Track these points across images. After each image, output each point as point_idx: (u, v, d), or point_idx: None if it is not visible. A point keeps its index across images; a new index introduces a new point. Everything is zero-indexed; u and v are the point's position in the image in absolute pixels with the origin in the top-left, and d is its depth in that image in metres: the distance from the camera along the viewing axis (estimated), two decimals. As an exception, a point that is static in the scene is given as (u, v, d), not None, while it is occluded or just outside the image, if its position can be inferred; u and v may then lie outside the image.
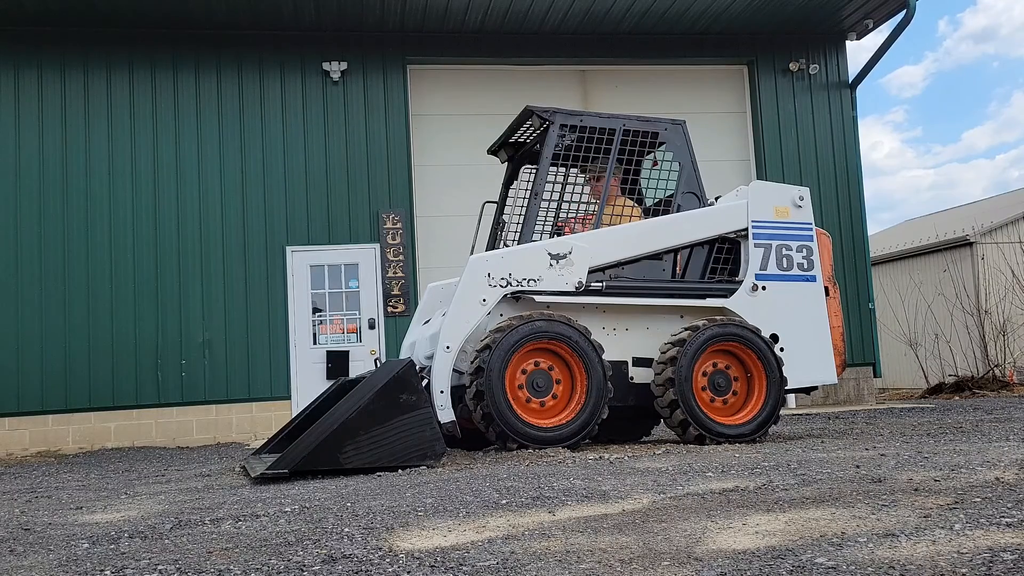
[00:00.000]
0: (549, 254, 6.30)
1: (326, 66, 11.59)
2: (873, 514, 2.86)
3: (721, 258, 6.76)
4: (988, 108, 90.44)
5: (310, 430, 5.34)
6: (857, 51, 78.72)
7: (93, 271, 10.84)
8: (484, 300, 6.15)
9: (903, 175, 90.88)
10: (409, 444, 5.29)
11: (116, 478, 6.45)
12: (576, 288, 6.29)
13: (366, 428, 5.17)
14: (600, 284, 6.33)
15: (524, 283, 6.21)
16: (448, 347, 6.04)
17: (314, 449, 5.07)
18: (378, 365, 6.41)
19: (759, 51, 12.79)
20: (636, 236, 6.57)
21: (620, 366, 6.37)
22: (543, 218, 7.06)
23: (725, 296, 6.61)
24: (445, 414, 5.92)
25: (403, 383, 5.37)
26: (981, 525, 2.57)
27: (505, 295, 6.19)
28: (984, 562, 2.14)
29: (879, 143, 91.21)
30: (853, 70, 13.01)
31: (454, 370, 6.10)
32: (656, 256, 6.63)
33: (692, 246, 6.72)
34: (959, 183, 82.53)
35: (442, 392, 5.97)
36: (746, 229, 6.70)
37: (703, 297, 6.57)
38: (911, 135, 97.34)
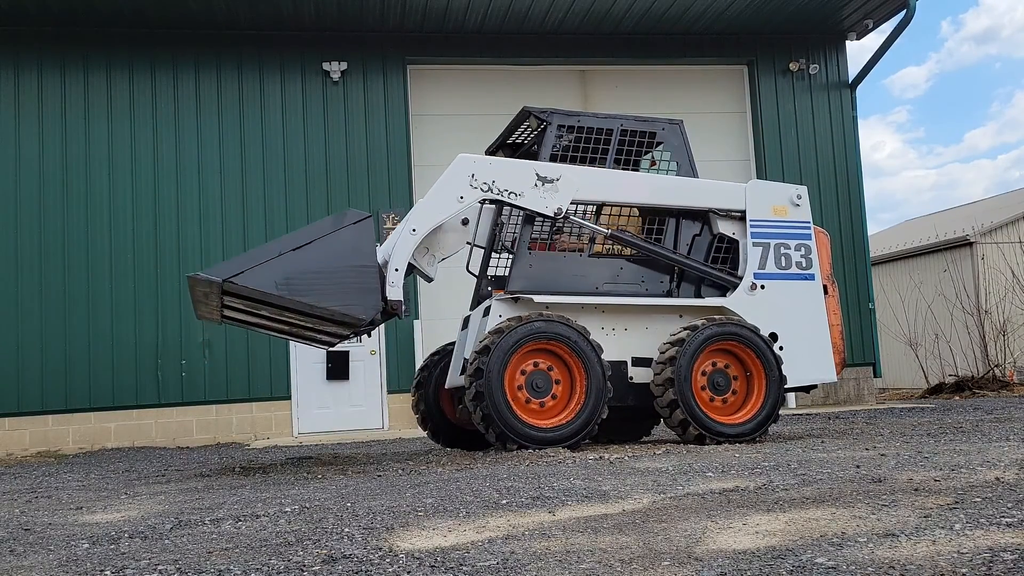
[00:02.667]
0: (537, 174, 6.36)
1: (326, 66, 11.59)
2: (873, 514, 2.86)
3: (720, 257, 6.76)
4: (990, 109, 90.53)
5: (254, 252, 5.42)
6: (858, 51, 78.72)
7: (93, 271, 10.84)
8: (462, 198, 6.22)
9: (905, 175, 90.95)
10: (345, 294, 5.32)
11: (116, 478, 6.45)
12: (555, 214, 6.34)
13: (308, 266, 5.24)
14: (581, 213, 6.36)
15: (505, 194, 6.27)
16: (414, 230, 6.12)
17: (252, 268, 5.13)
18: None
19: (759, 51, 12.79)
20: (627, 183, 6.61)
21: (619, 366, 6.37)
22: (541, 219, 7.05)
23: (725, 291, 6.61)
24: (394, 292, 5.92)
25: (357, 235, 5.42)
26: (981, 525, 2.57)
27: (483, 201, 6.27)
28: (984, 562, 2.14)
29: (881, 143, 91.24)
30: (853, 70, 13.03)
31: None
32: (651, 218, 6.64)
33: (682, 213, 6.71)
34: (960, 183, 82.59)
35: (397, 271, 5.98)
36: (743, 212, 6.71)
37: (707, 281, 6.59)
38: (913, 135, 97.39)
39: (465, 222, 6.71)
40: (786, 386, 6.41)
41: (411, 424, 10.99)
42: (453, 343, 7.11)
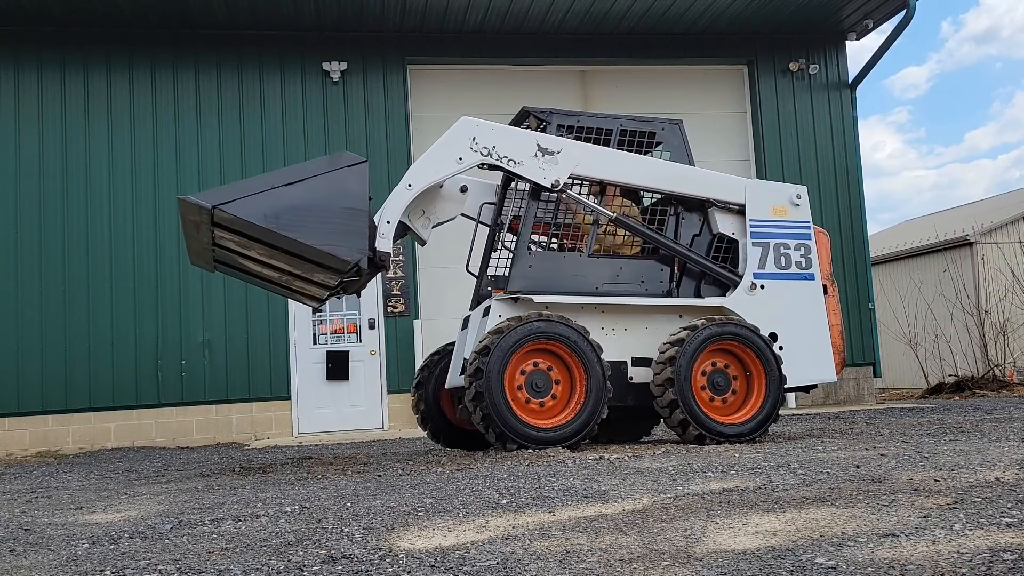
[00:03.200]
0: (539, 145, 6.40)
1: (326, 66, 11.59)
2: (873, 514, 2.86)
3: (719, 257, 6.77)
4: (990, 109, 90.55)
5: (246, 183, 5.44)
6: (858, 51, 78.73)
7: (93, 271, 10.84)
8: (460, 159, 6.27)
9: (905, 175, 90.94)
10: (332, 234, 5.33)
11: (116, 478, 6.45)
12: (552, 185, 6.37)
13: (298, 203, 5.26)
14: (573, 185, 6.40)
15: (504, 160, 6.32)
16: (410, 185, 6.18)
17: (243, 198, 5.15)
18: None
19: (759, 51, 12.79)
20: (628, 164, 6.63)
21: (619, 366, 6.37)
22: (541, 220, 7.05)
23: (725, 291, 6.62)
24: (383, 244, 5.99)
25: (350, 178, 5.44)
26: (981, 525, 2.57)
27: (481, 165, 6.30)
28: (984, 562, 2.14)
29: (882, 143, 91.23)
30: (853, 70, 13.02)
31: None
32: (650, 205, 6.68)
33: (681, 203, 6.73)
34: (961, 184, 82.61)
35: (388, 223, 6.05)
36: (742, 207, 6.72)
37: (706, 281, 6.60)
38: (914, 135, 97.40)
39: (464, 190, 6.75)
40: (786, 386, 6.41)
41: (411, 424, 10.99)
42: (453, 343, 7.11)
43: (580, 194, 6.63)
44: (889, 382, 17.94)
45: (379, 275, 11.36)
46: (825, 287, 6.89)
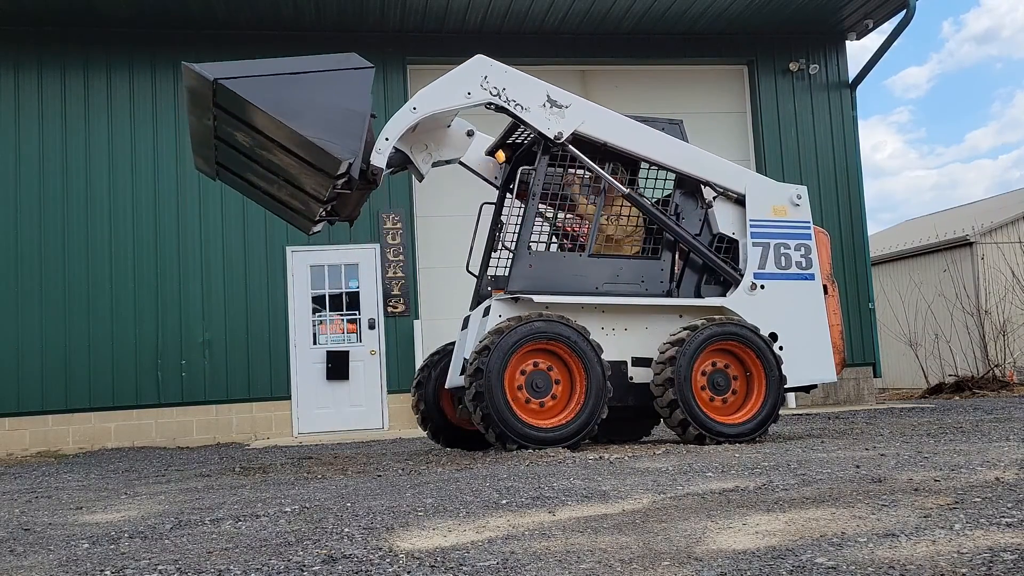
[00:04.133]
0: (548, 96, 6.46)
1: (326, 66, 11.57)
2: (873, 514, 2.86)
3: (720, 257, 6.76)
4: (991, 109, 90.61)
5: (251, 63, 5.51)
6: (858, 51, 78.74)
7: (93, 271, 10.84)
8: (469, 94, 6.32)
9: (906, 175, 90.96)
10: (328, 130, 5.35)
11: (116, 478, 6.45)
12: (555, 137, 6.42)
13: (300, 94, 5.32)
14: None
15: (511, 104, 6.37)
16: (414, 108, 6.23)
17: (246, 77, 5.22)
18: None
19: (759, 51, 12.78)
20: (633, 131, 6.66)
21: (619, 366, 6.37)
22: (541, 219, 7.05)
23: (725, 291, 6.62)
24: (378, 159, 5.99)
25: (355, 80, 5.52)
26: (981, 525, 2.57)
27: (487, 105, 6.35)
28: (984, 562, 2.14)
29: (882, 143, 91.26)
30: (853, 70, 13.02)
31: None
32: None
33: (681, 183, 6.77)
34: (961, 184, 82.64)
35: (387, 140, 6.08)
36: (742, 197, 6.76)
37: (707, 280, 6.61)
38: (915, 136, 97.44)
39: (470, 134, 6.86)
40: (786, 386, 6.41)
41: (411, 424, 10.99)
42: (453, 343, 7.11)
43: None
44: (889, 382, 17.94)
45: (380, 275, 11.37)
46: (825, 287, 6.89)
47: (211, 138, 5.89)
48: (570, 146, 6.44)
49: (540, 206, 6.71)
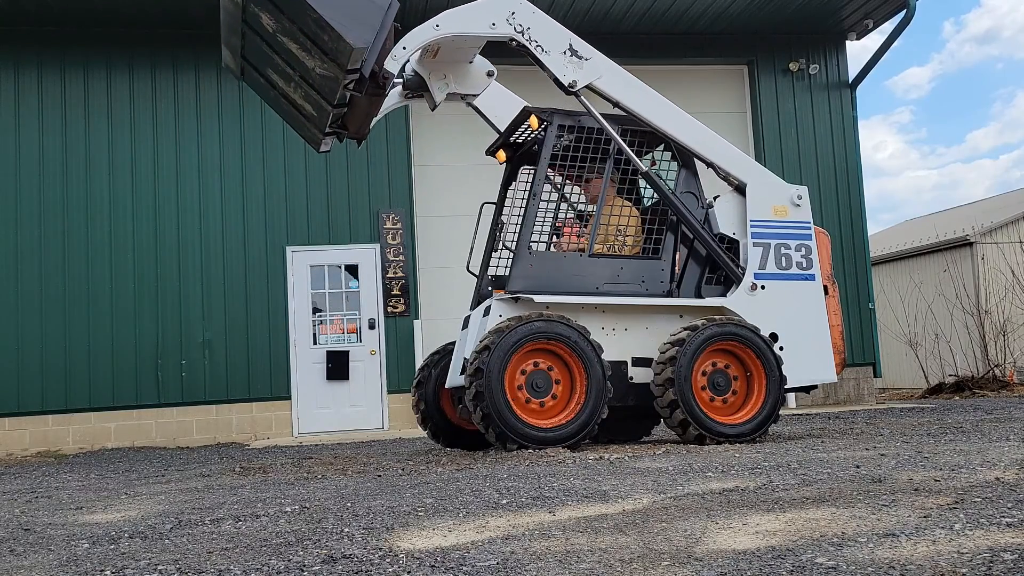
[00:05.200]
0: (571, 45, 6.55)
1: (326, 66, 11.58)
2: (873, 514, 2.85)
3: (728, 255, 6.76)
4: (992, 109, 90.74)
5: None
6: (858, 51, 78.82)
7: (93, 271, 10.84)
8: (494, 25, 6.38)
9: (907, 175, 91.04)
10: (345, 15, 5.39)
11: (116, 478, 6.45)
12: (569, 85, 6.49)
13: None
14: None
15: (532, 44, 6.44)
16: (437, 25, 6.34)
17: None
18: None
19: (759, 51, 12.79)
20: (646, 97, 6.75)
21: (619, 366, 6.37)
22: (542, 219, 7.06)
23: (726, 292, 6.63)
24: (392, 65, 6.06)
25: None
26: (981, 525, 2.57)
27: (509, 41, 6.41)
28: (984, 562, 2.14)
29: (883, 143, 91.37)
30: (853, 70, 13.03)
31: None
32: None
33: (682, 151, 6.81)
34: (962, 184, 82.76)
35: (404, 48, 6.24)
36: (742, 186, 6.79)
37: (707, 280, 6.62)
38: (916, 136, 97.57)
39: (490, 74, 6.91)
40: (786, 386, 6.41)
41: (411, 424, 11.00)
42: (454, 342, 7.11)
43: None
44: (889, 382, 17.94)
45: (380, 275, 11.37)
46: (826, 288, 6.89)
47: (240, 21, 5.97)
48: (582, 97, 6.50)
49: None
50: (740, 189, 6.81)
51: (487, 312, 6.36)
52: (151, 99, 11.25)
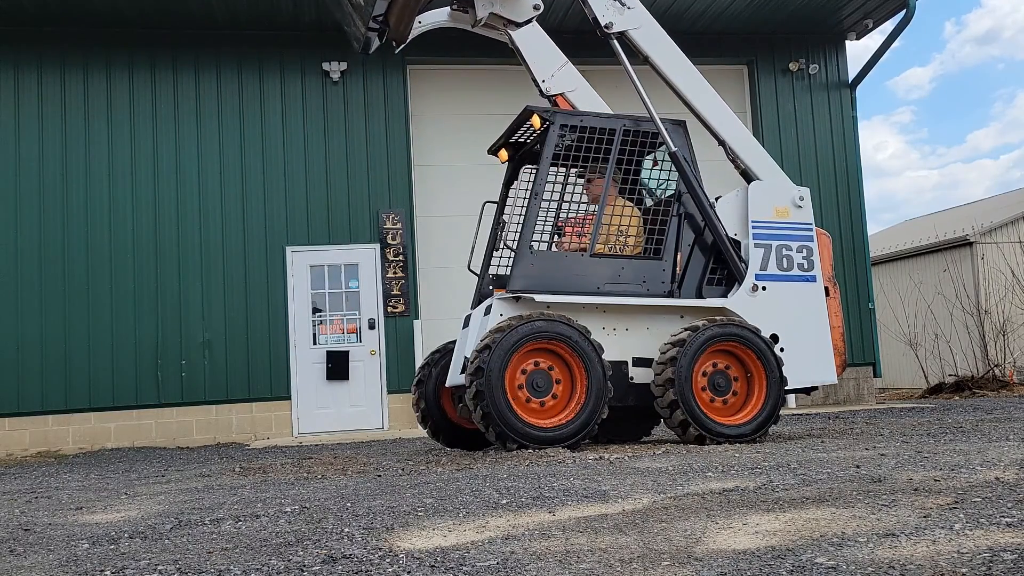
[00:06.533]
0: None
1: (326, 66, 11.59)
2: (873, 514, 2.85)
3: (721, 258, 6.76)
4: (992, 109, 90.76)
5: None
6: (859, 51, 78.81)
7: (93, 271, 10.84)
8: None
9: (907, 176, 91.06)
10: None
11: (116, 478, 6.45)
12: (605, 27, 6.77)
13: None
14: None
15: None
16: None
17: None
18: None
19: (759, 51, 12.79)
20: (676, 60, 7.04)
21: (620, 366, 6.37)
22: (543, 218, 7.05)
23: (727, 292, 6.63)
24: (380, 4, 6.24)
25: None
26: (981, 525, 2.57)
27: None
28: (984, 562, 2.14)
29: (884, 143, 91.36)
30: (853, 70, 13.03)
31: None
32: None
33: (694, 113, 6.94)
34: (962, 184, 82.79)
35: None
36: (746, 171, 6.83)
37: (708, 280, 6.63)
38: (916, 136, 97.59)
39: (537, 7, 7.04)
40: (787, 387, 6.41)
41: (411, 424, 11.00)
42: (454, 341, 7.11)
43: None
44: (889, 382, 17.94)
45: (380, 275, 11.36)
46: (827, 289, 6.89)
47: None
48: (614, 40, 6.53)
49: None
50: (746, 175, 6.81)
51: (488, 311, 6.36)
52: (151, 99, 11.25)
